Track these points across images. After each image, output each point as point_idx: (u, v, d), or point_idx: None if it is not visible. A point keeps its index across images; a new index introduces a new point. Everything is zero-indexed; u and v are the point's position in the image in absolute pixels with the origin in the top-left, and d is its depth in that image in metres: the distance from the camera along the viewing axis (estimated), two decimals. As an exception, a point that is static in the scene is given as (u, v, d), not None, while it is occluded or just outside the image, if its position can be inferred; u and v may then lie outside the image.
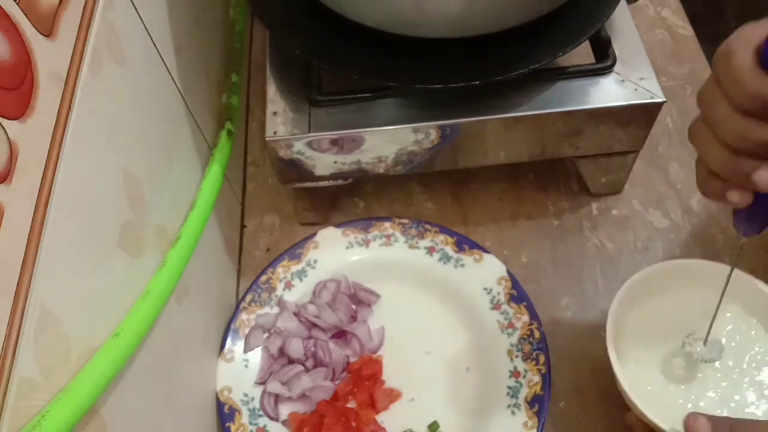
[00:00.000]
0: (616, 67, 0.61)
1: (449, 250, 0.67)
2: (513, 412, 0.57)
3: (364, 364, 0.61)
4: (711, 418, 0.47)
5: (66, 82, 0.37)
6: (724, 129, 0.35)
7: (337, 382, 0.61)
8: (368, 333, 0.63)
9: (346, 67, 0.57)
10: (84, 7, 0.40)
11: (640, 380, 0.53)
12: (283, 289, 0.66)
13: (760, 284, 0.55)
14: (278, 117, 0.60)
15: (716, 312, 0.51)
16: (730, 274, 0.49)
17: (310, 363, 0.61)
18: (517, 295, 0.63)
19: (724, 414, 0.51)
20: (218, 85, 0.67)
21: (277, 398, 0.60)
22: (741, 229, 0.43)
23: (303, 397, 0.60)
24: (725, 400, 0.53)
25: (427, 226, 0.68)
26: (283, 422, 0.59)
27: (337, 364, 0.61)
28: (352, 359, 0.62)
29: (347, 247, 0.68)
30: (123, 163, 0.44)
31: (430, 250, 0.67)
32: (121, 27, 0.44)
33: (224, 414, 0.59)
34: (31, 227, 0.33)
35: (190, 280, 0.53)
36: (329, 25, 0.57)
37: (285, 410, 0.59)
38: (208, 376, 0.59)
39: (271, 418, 0.59)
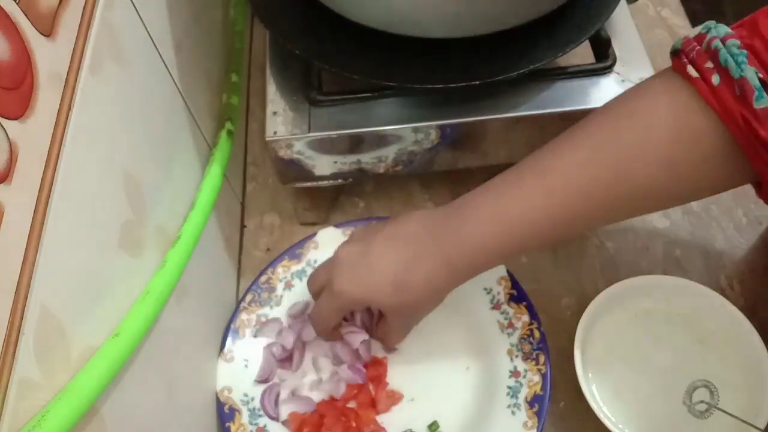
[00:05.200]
0: (616, 67, 0.61)
1: (449, 250, 0.66)
2: (513, 412, 0.57)
3: (369, 366, 0.61)
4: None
5: (66, 82, 0.37)
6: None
7: (337, 382, 0.61)
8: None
9: (346, 67, 0.57)
10: (84, 7, 0.40)
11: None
12: (283, 289, 0.65)
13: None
14: (278, 117, 0.60)
15: None
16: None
17: (310, 363, 0.61)
18: (517, 295, 0.63)
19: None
20: (218, 85, 0.67)
21: (277, 398, 0.60)
22: None
23: (303, 397, 0.60)
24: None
25: (427, 226, 0.68)
26: (283, 422, 0.59)
27: (337, 364, 0.61)
28: (352, 359, 0.62)
29: (347, 247, 0.68)
30: (123, 163, 0.44)
31: (430, 250, 0.67)
32: (121, 27, 0.44)
33: (224, 414, 0.59)
34: (31, 227, 0.33)
35: (190, 280, 0.53)
36: (329, 25, 0.57)
37: (285, 410, 0.59)
38: (208, 376, 0.59)
39: (271, 418, 0.59)
